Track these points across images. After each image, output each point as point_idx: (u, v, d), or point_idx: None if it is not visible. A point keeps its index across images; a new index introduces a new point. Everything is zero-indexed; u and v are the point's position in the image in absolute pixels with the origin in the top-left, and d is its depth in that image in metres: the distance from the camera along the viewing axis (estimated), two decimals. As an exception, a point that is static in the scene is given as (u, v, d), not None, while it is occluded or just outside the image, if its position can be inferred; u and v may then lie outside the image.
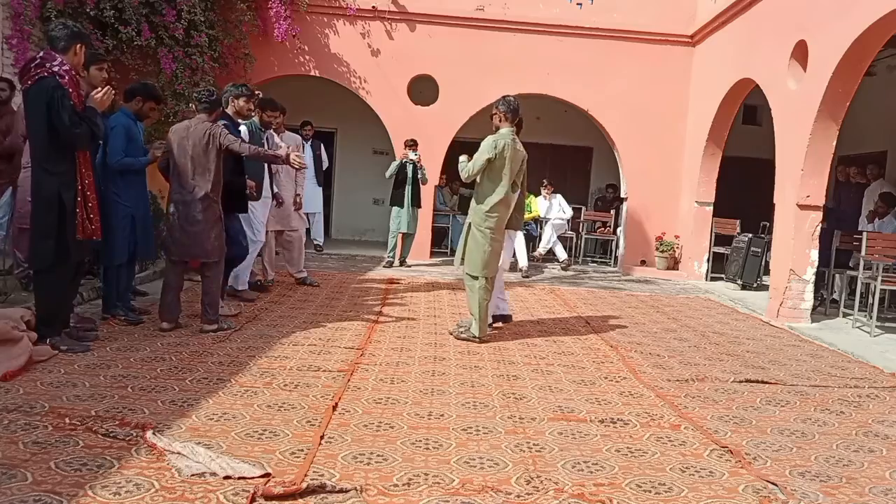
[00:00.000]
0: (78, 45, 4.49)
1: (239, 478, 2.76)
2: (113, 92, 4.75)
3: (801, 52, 7.50)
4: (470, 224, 5.58)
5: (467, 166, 5.49)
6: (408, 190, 9.90)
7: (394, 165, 9.87)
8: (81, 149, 4.55)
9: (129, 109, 5.60)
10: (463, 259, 5.64)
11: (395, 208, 9.99)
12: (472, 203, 5.60)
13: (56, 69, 4.37)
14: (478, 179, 5.52)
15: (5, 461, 2.79)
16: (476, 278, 5.55)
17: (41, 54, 4.50)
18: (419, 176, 9.93)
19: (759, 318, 7.62)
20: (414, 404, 3.91)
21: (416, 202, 10.02)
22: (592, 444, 3.45)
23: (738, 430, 3.80)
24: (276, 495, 2.63)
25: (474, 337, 5.56)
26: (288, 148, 6.15)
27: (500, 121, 5.56)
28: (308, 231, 9.97)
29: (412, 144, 9.90)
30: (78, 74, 4.56)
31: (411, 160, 9.83)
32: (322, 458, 3.06)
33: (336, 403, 3.79)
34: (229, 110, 5.93)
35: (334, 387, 4.13)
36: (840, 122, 7.12)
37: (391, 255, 10.18)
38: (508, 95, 5.68)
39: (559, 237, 11.36)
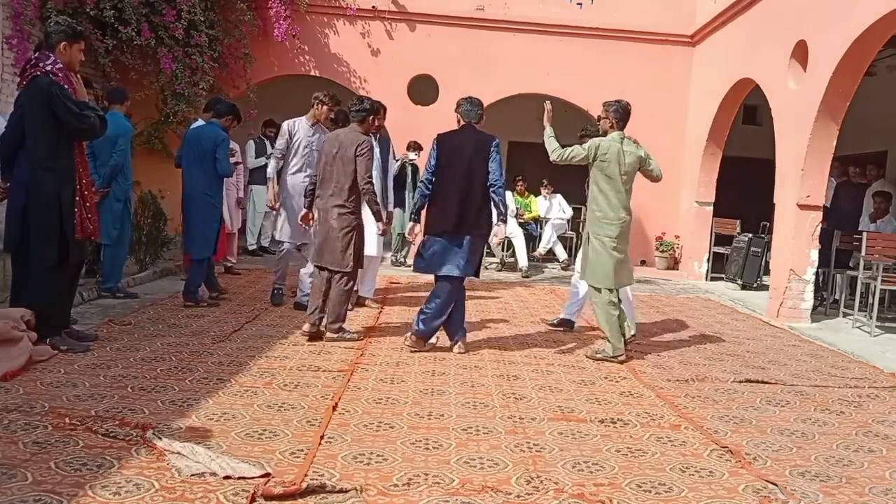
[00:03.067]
0: (63, 44, 4.48)
1: (239, 478, 2.76)
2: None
3: (801, 52, 7.50)
4: (588, 234, 5.31)
5: (562, 152, 5.26)
6: (408, 192, 9.98)
7: (396, 166, 9.88)
8: (92, 137, 4.68)
9: (222, 125, 6.52)
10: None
11: (396, 210, 10.02)
12: (589, 213, 5.34)
13: (49, 68, 4.39)
14: (590, 186, 5.30)
15: (5, 461, 2.78)
16: (599, 291, 5.22)
17: (36, 54, 4.51)
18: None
19: (759, 318, 7.62)
20: (414, 404, 3.91)
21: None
22: (592, 444, 3.45)
23: (738, 430, 3.80)
24: (276, 495, 2.63)
25: (611, 357, 5.14)
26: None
27: (611, 126, 5.36)
28: None
29: (416, 147, 9.98)
30: (73, 73, 4.56)
31: (412, 160, 9.88)
32: (322, 458, 3.05)
33: (336, 403, 3.79)
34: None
35: (334, 387, 4.13)
36: (840, 122, 7.12)
37: (400, 253, 10.36)
38: (621, 100, 5.46)
39: (559, 237, 11.35)
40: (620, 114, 5.35)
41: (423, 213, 5.25)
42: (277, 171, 6.50)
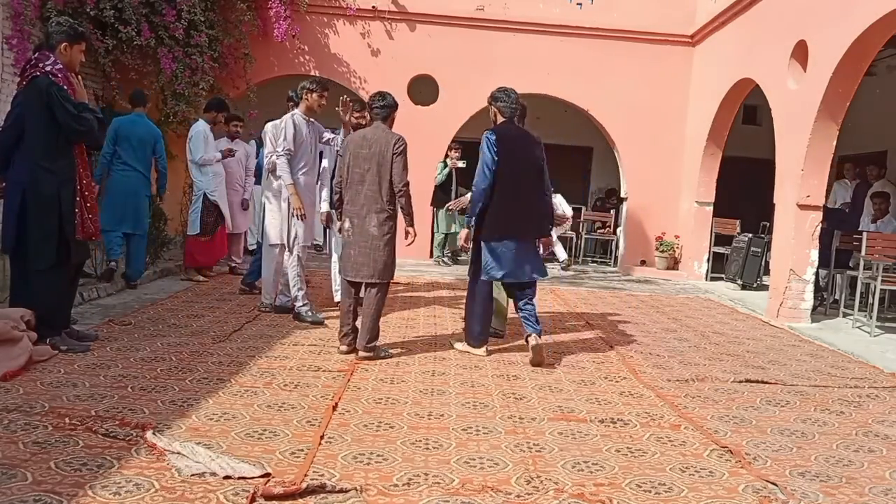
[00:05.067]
0: (64, 45, 4.47)
1: (239, 478, 2.76)
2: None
3: (801, 52, 7.50)
4: None
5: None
6: (453, 192, 10.45)
7: (444, 172, 10.24)
8: (90, 141, 4.63)
9: None
10: None
11: (443, 211, 10.42)
12: None
13: (48, 69, 4.38)
14: None
15: (5, 461, 2.78)
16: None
17: (36, 55, 4.51)
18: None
19: (759, 318, 7.62)
20: (414, 404, 3.91)
21: None
22: (592, 444, 3.45)
23: (738, 430, 3.80)
24: (276, 495, 2.63)
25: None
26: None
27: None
28: None
29: (459, 147, 10.43)
30: (73, 73, 4.55)
31: (460, 167, 10.38)
32: (322, 458, 3.05)
33: (336, 403, 3.79)
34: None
35: (334, 387, 4.13)
36: (840, 122, 7.12)
37: (446, 253, 10.72)
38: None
39: (559, 237, 11.36)
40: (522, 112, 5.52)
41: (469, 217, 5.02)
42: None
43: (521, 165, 4.93)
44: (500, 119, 5.06)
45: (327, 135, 6.20)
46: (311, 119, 5.99)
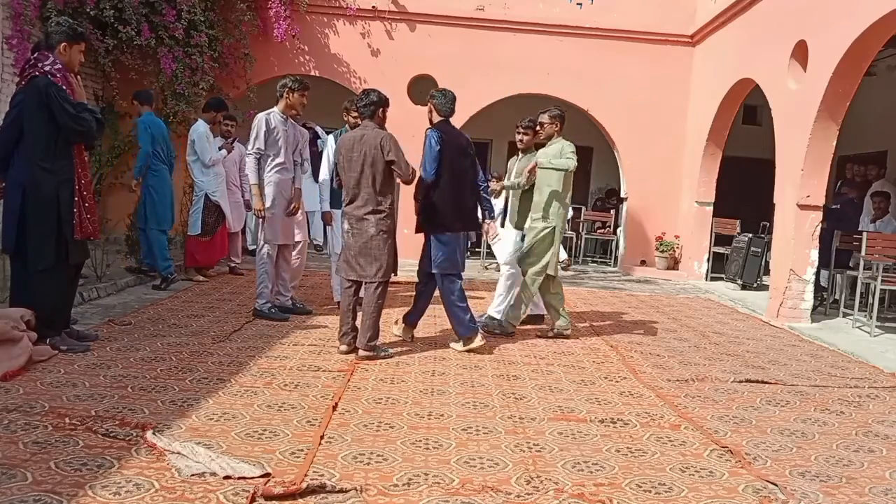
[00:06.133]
0: (64, 45, 4.47)
1: (239, 478, 2.76)
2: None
3: (801, 52, 7.50)
4: (554, 228, 5.75)
5: (571, 163, 5.82)
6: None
7: None
8: (90, 140, 4.63)
9: None
10: (535, 261, 5.77)
11: None
12: (553, 209, 5.76)
13: (47, 69, 4.38)
14: (561, 185, 5.81)
15: (5, 461, 2.78)
16: (543, 274, 5.81)
17: (35, 55, 4.51)
18: None
19: (759, 318, 7.62)
20: (414, 404, 3.91)
21: None
22: (592, 444, 3.45)
23: (738, 430, 3.80)
24: (276, 495, 2.63)
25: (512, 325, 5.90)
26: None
27: (558, 132, 5.99)
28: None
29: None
30: (72, 73, 4.55)
31: None
32: (322, 458, 3.06)
33: (336, 403, 3.79)
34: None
35: (334, 387, 4.13)
36: (840, 122, 7.12)
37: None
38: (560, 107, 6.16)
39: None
40: (563, 120, 6.02)
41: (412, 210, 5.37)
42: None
43: (461, 163, 5.28)
44: (437, 117, 5.34)
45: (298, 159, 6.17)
46: (290, 116, 6.01)
